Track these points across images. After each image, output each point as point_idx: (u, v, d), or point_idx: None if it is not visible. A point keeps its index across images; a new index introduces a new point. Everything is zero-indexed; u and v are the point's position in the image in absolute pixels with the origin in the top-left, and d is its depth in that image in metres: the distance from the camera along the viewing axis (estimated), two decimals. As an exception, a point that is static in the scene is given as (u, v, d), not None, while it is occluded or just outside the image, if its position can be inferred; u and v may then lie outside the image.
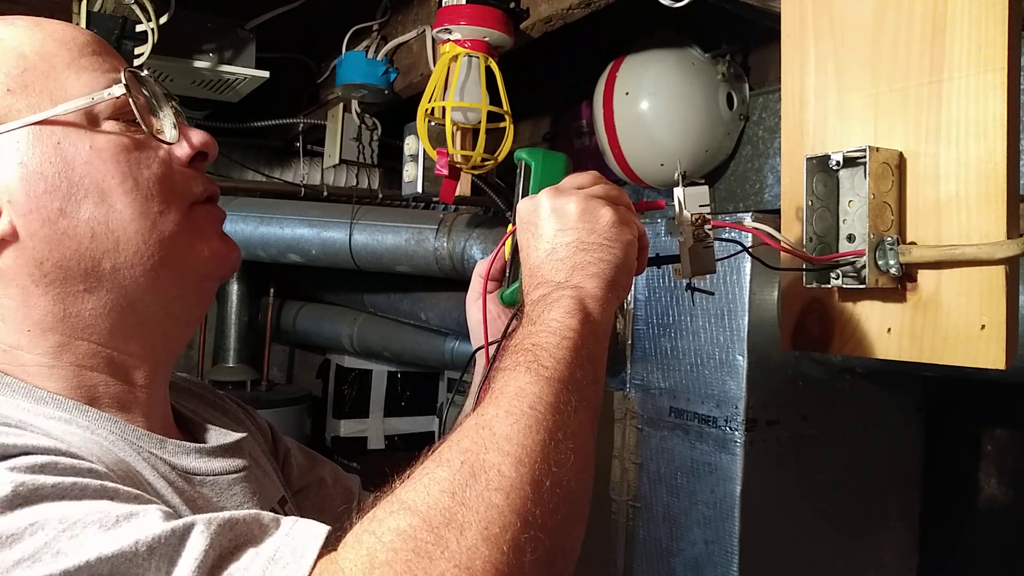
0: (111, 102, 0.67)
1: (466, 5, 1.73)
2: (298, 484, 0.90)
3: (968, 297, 0.88)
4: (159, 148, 0.69)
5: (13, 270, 0.65)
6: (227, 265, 0.73)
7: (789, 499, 1.83)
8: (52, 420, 0.62)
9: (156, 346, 0.71)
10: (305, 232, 2.65)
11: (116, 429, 0.66)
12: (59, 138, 0.65)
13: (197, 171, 0.72)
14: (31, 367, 0.66)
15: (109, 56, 0.70)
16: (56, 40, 0.67)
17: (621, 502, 2.07)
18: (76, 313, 0.66)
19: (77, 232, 0.65)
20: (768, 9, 1.46)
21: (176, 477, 0.66)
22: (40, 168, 0.64)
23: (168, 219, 0.68)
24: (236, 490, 0.71)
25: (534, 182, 0.85)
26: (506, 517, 0.52)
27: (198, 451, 0.70)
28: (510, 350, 0.65)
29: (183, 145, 0.70)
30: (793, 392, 1.83)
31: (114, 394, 0.68)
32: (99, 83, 0.67)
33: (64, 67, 0.66)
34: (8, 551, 0.47)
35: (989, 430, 2.29)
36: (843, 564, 1.93)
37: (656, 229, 2.06)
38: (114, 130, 0.67)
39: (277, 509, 0.77)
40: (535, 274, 0.72)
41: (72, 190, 0.64)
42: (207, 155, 0.72)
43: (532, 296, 0.70)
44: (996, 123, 0.87)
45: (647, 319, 2.04)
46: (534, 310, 0.68)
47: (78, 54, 0.68)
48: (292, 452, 0.92)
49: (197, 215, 0.71)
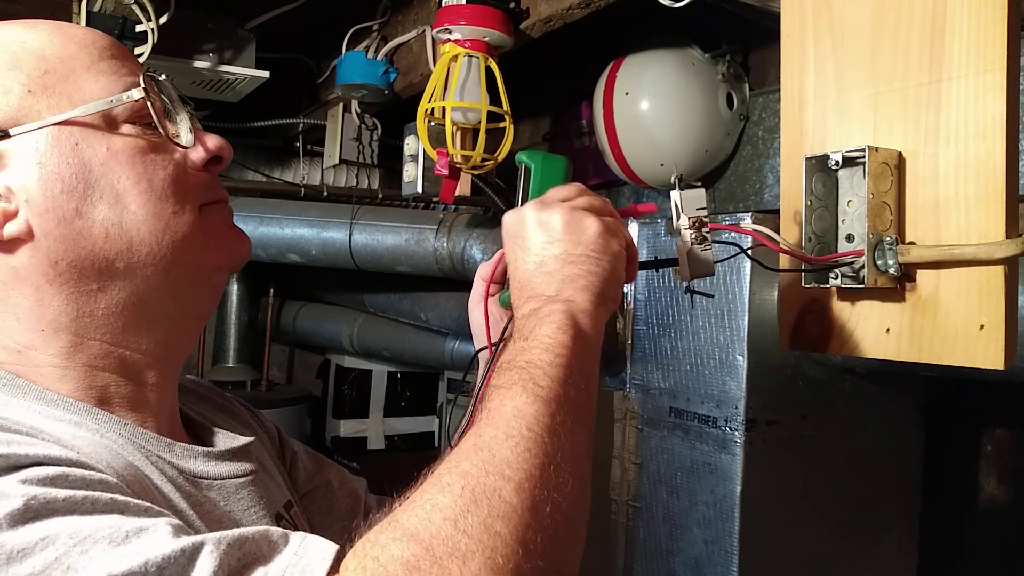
0: (129, 105, 0.68)
1: (466, 5, 1.73)
2: (305, 487, 0.90)
3: (967, 297, 0.88)
4: (174, 151, 0.70)
5: (28, 269, 0.65)
6: (238, 256, 0.74)
7: (789, 499, 1.83)
8: (62, 423, 0.63)
9: (168, 343, 0.71)
10: (305, 232, 2.65)
11: (126, 432, 0.66)
12: (77, 139, 0.65)
13: (211, 175, 0.73)
14: (44, 368, 0.66)
15: (127, 60, 0.71)
16: (76, 43, 0.68)
17: (621, 502, 2.07)
18: (89, 312, 0.67)
19: (92, 232, 0.65)
20: (768, 9, 1.46)
21: (184, 481, 0.67)
22: (58, 169, 0.65)
23: (181, 220, 0.68)
24: (243, 494, 0.71)
25: (534, 185, 0.84)
26: (509, 546, 0.52)
27: (206, 455, 0.71)
28: (503, 367, 0.65)
29: (198, 149, 0.71)
30: (793, 392, 1.83)
31: (125, 395, 0.69)
32: (118, 86, 0.68)
33: (84, 70, 0.67)
34: (19, 565, 0.47)
35: (989, 430, 2.29)
36: (843, 564, 1.93)
37: (656, 230, 2.06)
38: (131, 133, 0.68)
39: (283, 513, 0.77)
40: (524, 288, 0.72)
41: (88, 191, 0.65)
42: (222, 159, 0.73)
43: (523, 310, 0.70)
44: (995, 123, 0.87)
45: (647, 319, 2.04)
46: (525, 325, 0.68)
47: (98, 58, 0.68)
48: (299, 455, 0.92)
49: (208, 215, 0.71)
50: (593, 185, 2.59)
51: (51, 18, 0.71)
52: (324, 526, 0.86)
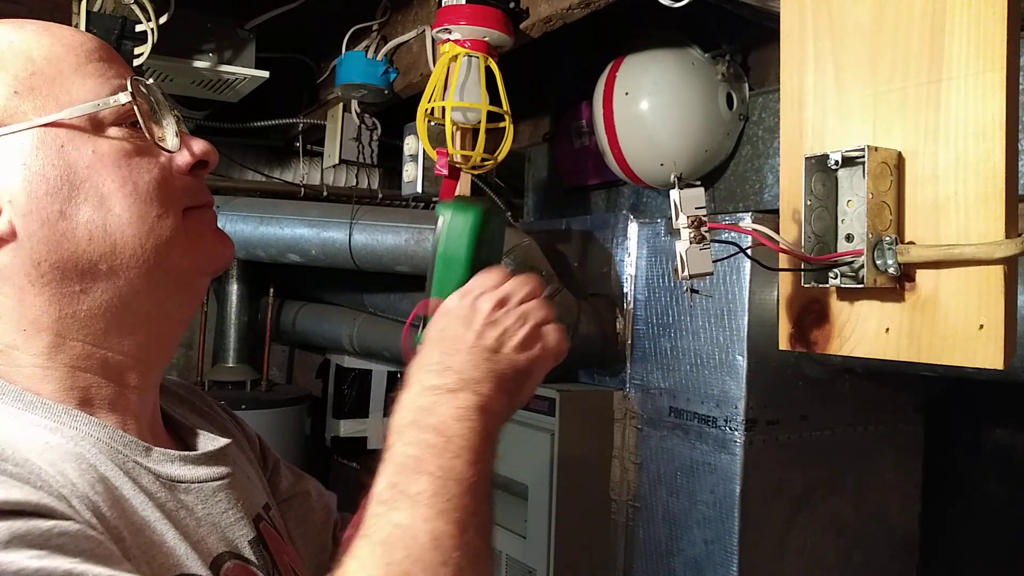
0: (115, 108, 0.68)
1: (466, 5, 1.73)
2: (286, 494, 0.91)
3: (966, 297, 0.88)
4: (160, 155, 0.70)
5: (10, 269, 0.65)
6: (221, 260, 0.74)
7: (789, 499, 1.83)
8: (37, 428, 0.63)
9: (150, 345, 0.71)
10: (305, 232, 2.65)
11: (104, 435, 0.66)
12: (63, 142, 0.65)
13: (197, 179, 0.73)
14: (26, 368, 0.66)
15: (115, 63, 0.71)
16: (64, 45, 0.68)
17: (621, 502, 2.07)
18: (71, 313, 0.67)
19: (76, 234, 0.65)
20: (768, 9, 1.46)
21: (158, 488, 0.67)
22: (43, 170, 0.65)
23: (165, 224, 0.68)
24: (220, 496, 0.72)
25: (441, 239, 0.80)
26: None
27: (183, 459, 0.71)
28: (410, 443, 0.66)
29: (184, 153, 0.71)
30: (793, 392, 1.83)
31: (106, 396, 0.69)
32: (105, 89, 0.68)
33: (71, 72, 0.67)
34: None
35: (989, 430, 2.29)
36: (843, 564, 1.93)
37: (655, 230, 2.06)
38: (117, 136, 0.68)
39: (262, 514, 0.78)
40: (437, 364, 0.72)
41: (73, 193, 0.65)
42: (207, 163, 0.73)
43: (432, 381, 0.71)
44: (995, 123, 0.87)
45: (647, 319, 2.04)
46: (437, 404, 0.69)
47: (85, 60, 0.68)
48: (280, 464, 0.94)
49: (192, 218, 0.71)
50: (593, 185, 2.59)
51: (51, 18, 0.71)
52: (299, 533, 0.88)
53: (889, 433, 2.00)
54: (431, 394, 0.69)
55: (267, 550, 0.74)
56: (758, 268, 1.73)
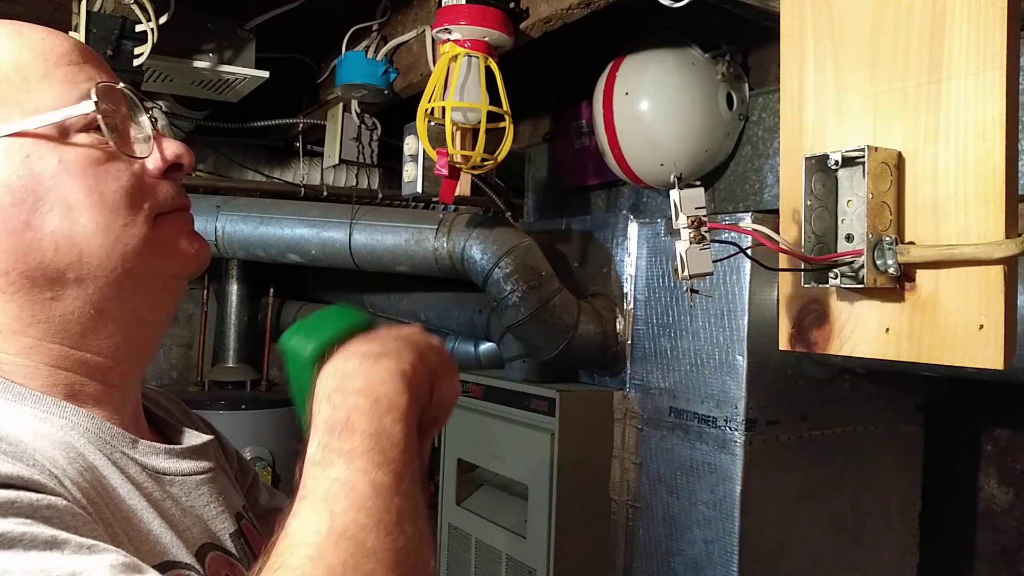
0: (82, 116, 0.66)
1: (466, 5, 1.73)
2: (265, 507, 0.92)
3: (966, 297, 0.88)
4: (131, 160, 0.69)
5: None
6: (194, 264, 0.73)
7: (789, 499, 1.83)
8: (27, 418, 0.63)
9: (129, 347, 0.71)
10: (305, 232, 2.65)
11: (92, 426, 0.66)
12: (28, 151, 0.65)
13: (172, 181, 0.72)
14: (8, 365, 0.66)
15: (88, 65, 0.69)
16: (32, 50, 0.67)
17: (621, 502, 2.07)
18: (45, 319, 0.66)
19: (41, 244, 0.65)
20: (768, 9, 1.46)
21: (145, 478, 0.67)
22: (7, 181, 0.64)
23: (131, 232, 0.67)
24: (203, 490, 0.73)
25: (289, 373, 0.73)
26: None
27: (167, 452, 0.72)
28: (338, 407, 0.62)
29: (155, 157, 0.70)
30: (793, 392, 1.83)
31: (91, 392, 0.69)
32: (72, 96, 0.67)
33: (38, 79, 0.66)
34: None
35: (989, 430, 2.29)
36: (843, 564, 1.93)
37: (655, 230, 2.06)
38: (85, 143, 0.67)
39: (243, 513, 0.79)
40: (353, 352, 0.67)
41: (38, 203, 0.64)
42: (182, 166, 0.72)
43: (355, 356, 0.66)
44: (995, 123, 0.87)
45: (647, 319, 2.04)
46: (360, 370, 0.64)
47: (53, 65, 0.67)
48: (258, 479, 0.95)
49: (163, 225, 0.70)
50: (593, 185, 2.59)
51: (51, 18, 0.71)
52: None
53: (889, 433, 2.00)
54: (354, 359, 0.66)
55: (248, 545, 0.75)
56: (758, 268, 1.73)
